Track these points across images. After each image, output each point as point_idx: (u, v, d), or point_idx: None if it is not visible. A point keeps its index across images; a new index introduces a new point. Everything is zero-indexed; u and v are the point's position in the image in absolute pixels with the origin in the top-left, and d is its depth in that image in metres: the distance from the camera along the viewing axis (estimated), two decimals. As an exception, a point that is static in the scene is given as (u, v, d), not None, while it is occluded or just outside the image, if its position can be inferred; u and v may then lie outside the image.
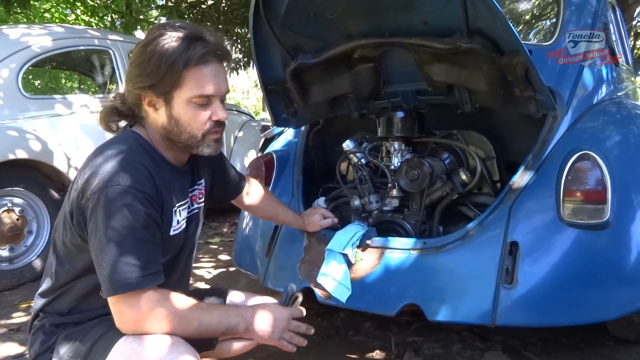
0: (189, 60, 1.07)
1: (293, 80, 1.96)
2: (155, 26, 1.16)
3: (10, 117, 3.07)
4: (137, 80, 1.10)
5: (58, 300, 1.17)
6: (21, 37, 3.27)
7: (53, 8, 9.92)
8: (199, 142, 1.16)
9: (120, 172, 1.03)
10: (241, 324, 1.13)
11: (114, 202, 1.01)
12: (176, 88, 1.09)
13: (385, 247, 1.76)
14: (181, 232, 1.22)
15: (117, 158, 1.06)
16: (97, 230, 1.01)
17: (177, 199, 1.19)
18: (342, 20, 1.74)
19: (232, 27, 6.20)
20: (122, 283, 0.99)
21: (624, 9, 4.65)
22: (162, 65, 1.06)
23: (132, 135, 1.16)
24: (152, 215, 1.06)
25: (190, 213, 1.28)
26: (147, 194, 1.05)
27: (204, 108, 1.13)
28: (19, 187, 3.00)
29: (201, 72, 1.09)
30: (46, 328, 1.17)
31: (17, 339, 2.19)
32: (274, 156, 2.36)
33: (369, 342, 2.10)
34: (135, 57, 1.11)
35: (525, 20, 2.70)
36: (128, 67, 1.13)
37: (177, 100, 1.11)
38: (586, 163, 1.64)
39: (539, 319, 1.60)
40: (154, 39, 1.08)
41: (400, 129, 2.03)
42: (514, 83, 1.65)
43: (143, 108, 1.15)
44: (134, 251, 1.01)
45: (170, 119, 1.12)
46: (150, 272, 1.02)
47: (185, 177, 1.26)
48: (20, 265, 3.03)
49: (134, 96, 1.14)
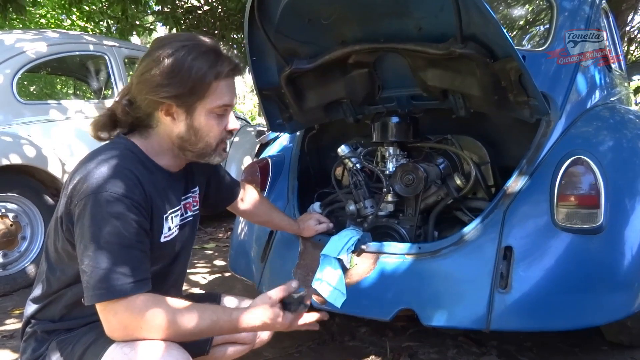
0: (220, 74, 1.12)
1: (288, 86, 1.96)
2: (167, 36, 1.18)
3: (5, 122, 3.06)
4: (160, 89, 1.10)
5: (50, 307, 1.16)
6: (16, 42, 3.27)
7: (49, 13, 9.92)
8: (213, 151, 1.20)
9: (109, 179, 1.04)
10: (234, 322, 1.10)
11: (101, 208, 1.01)
12: (201, 99, 1.12)
13: (381, 252, 1.76)
14: (173, 239, 1.21)
15: (106, 164, 1.06)
16: (83, 236, 1.01)
17: (170, 205, 1.19)
18: (337, 26, 1.75)
19: (228, 32, 6.21)
20: (105, 290, 0.99)
21: (617, 15, 4.69)
22: (192, 76, 1.09)
23: (125, 142, 1.16)
24: (140, 222, 1.06)
25: (184, 221, 1.27)
26: (135, 201, 1.05)
27: (221, 118, 1.17)
28: (13, 193, 2.99)
29: (225, 84, 1.14)
30: (38, 335, 1.16)
31: (10, 346, 2.18)
32: (269, 161, 2.35)
33: (365, 348, 2.09)
34: (156, 65, 1.10)
35: (519, 25, 2.71)
36: (145, 75, 1.11)
37: (199, 111, 1.13)
38: (579, 168, 1.65)
39: (533, 324, 1.60)
40: (177, 49, 1.09)
41: (395, 134, 2.04)
42: (508, 88, 1.66)
43: (156, 117, 1.15)
44: (120, 258, 1.00)
45: (189, 129, 1.14)
46: (136, 280, 1.01)
47: (178, 184, 1.26)
48: (14, 271, 3.02)
49: (151, 104, 1.13)
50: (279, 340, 2.00)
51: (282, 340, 2.08)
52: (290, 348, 2.10)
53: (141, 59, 1.15)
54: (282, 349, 2.07)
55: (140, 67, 1.14)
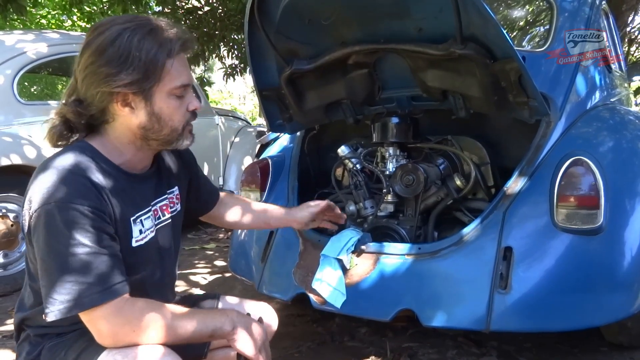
0: (171, 51, 1.04)
1: (288, 86, 1.96)
2: (103, 22, 1.06)
3: (5, 122, 3.06)
4: (112, 79, 1.00)
5: (39, 314, 1.09)
6: (17, 43, 3.27)
7: (49, 14, 9.92)
8: (179, 135, 1.12)
9: (60, 187, 0.97)
10: (227, 324, 1.07)
11: (54, 219, 0.94)
12: (157, 82, 1.04)
13: (380, 253, 1.76)
14: (149, 242, 1.14)
15: (56, 173, 0.99)
16: (40, 250, 0.96)
17: (136, 208, 1.12)
18: (337, 27, 1.75)
19: (228, 33, 6.21)
20: (72, 303, 0.93)
21: (617, 16, 4.69)
22: (143, 59, 1.01)
23: (79, 145, 1.08)
24: (101, 227, 0.99)
25: (161, 223, 1.21)
26: (91, 206, 0.98)
27: (182, 99, 1.10)
28: (13, 193, 2.99)
29: (178, 62, 1.07)
30: (31, 338, 1.14)
31: (10, 346, 2.18)
32: (270, 162, 2.36)
33: (364, 348, 2.09)
34: (100, 55, 1.01)
35: (519, 26, 2.72)
36: (91, 68, 1.02)
37: (157, 95, 1.06)
38: (579, 168, 1.65)
39: (533, 324, 1.60)
40: (119, 34, 1.01)
41: (395, 134, 2.04)
42: (508, 89, 1.67)
43: (112, 110, 1.06)
44: (82, 268, 0.94)
45: (151, 116, 1.07)
46: (107, 287, 0.96)
47: (146, 185, 1.18)
48: (14, 271, 3.02)
49: (104, 98, 1.04)
50: (278, 341, 2.00)
51: (282, 340, 2.08)
52: (290, 348, 2.10)
53: (81, 51, 1.04)
54: (282, 349, 2.07)
55: (82, 60, 1.04)
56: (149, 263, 1.16)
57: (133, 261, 1.08)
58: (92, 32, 1.04)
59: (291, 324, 2.34)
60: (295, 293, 1.85)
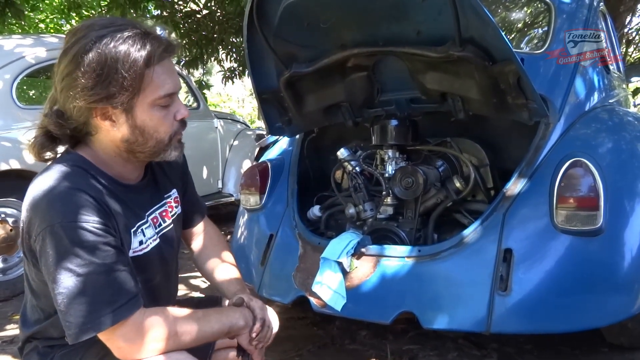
0: (151, 59, 0.96)
1: (287, 89, 1.96)
2: (79, 27, 0.98)
3: (4, 127, 3.05)
4: (87, 93, 0.94)
5: (47, 329, 1.09)
6: (15, 47, 3.27)
7: (47, 18, 9.94)
8: (166, 146, 1.06)
9: (61, 206, 0.93)
10: (241, 320, 1.10)
11: (61, 240, 0.91)
12: (138, 94, 0.97)
13: (380, 255, 1.76)
14: (150, 251, 1.11)
15: (54, 190, 0.94)
16: (50, 273, 0.92)
17: (136, 218, 1.09)
18: (336, 30, 1.75)
19: (227, 36, 6.21)
20: (90, 326, 0.91)
21: (615, 17, 4.70)
22: (120, 70, 0.93)
23: (71, 158, 1.03)
24: (109, 242, 0.96)
25: (163, 230, 1.18)
26: (96, 222, 0.94)
27: (167, 109, 1.03)
28: (12, 198, 2.98)
29: (161, 70, 0.99)
30: (40, 349, 1.11)
31: (10, 351, 2.17)
32: (269, 165, 2.36)
33: (365, 351, 2.09)
34: (76, 66, 0.94)
35: (517, 28, 2.72)
36: (67, 80, 0.95)
37: (139, 108, 0.99)
38: (579, 170, 1.65)
39: (533, 326, 1.60)
40: (95, 41, 0.93)
41: (394, 137, 2.05)
42: (507, 91, 1.67)
43: (93, 124, 1.00)
44: (95, 288, 0.92)
45: (133, 130, 1.00)
46: (122, 303, 0.93)
47: (143, 195, 1.14)
48: (14, 276, 3.01)
49: (82, 112, 0.97)
50: (279, 344, 1.99)
51: (282, 343, 2.08)
52: (291, 351, 2.09)
53: (58, 60, 0.98)
54: (283, 352, 2.07)
55: (59, 69, 0.97)
56: (150, 271, 1.15)
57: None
58: (69, 37, 0.98)
59: (291, 327, 2.34)
60: (296, 296, 1.85)
